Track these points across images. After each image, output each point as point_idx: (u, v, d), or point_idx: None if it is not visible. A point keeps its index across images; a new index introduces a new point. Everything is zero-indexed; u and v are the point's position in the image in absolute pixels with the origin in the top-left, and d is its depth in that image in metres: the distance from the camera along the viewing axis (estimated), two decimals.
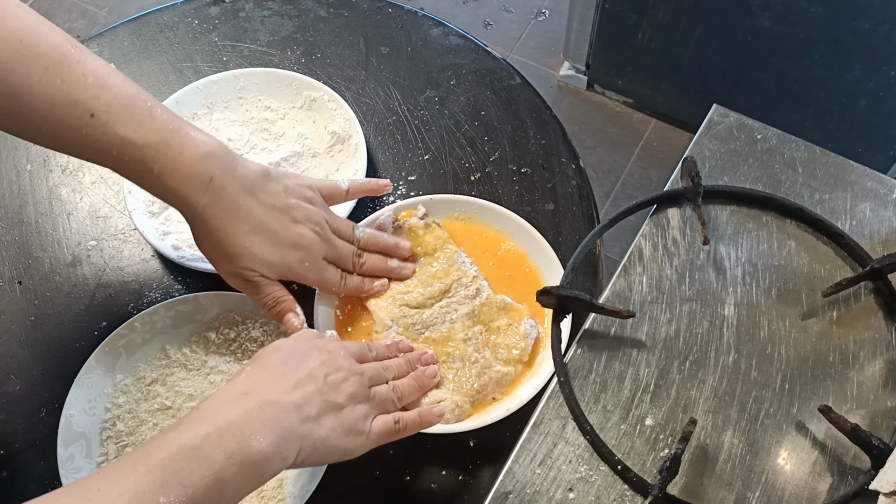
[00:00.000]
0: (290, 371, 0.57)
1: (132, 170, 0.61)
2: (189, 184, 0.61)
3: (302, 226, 0.66)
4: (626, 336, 0.66)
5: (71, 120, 0.57)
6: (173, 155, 0.60)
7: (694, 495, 0.59)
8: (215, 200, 0.62)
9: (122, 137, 0.58)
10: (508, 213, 0.76)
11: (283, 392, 0.55)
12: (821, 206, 0.71)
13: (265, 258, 0.64)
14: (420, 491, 0.68)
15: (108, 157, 0.60)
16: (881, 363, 0.64)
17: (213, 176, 0.62)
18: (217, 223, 0.62)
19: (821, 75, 1.51)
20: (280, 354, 0.59)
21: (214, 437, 0.50)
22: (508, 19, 2.10)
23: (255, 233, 0.64)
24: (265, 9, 1.00)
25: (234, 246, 0.63)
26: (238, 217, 0.63)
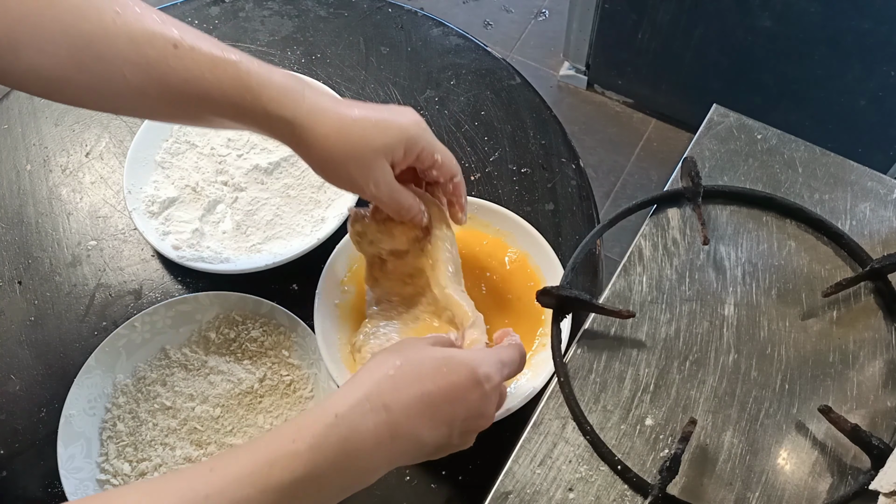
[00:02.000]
0: (438, 405, 0.51)
1: (230, 90, 0.56)
2: (288, 92, 0.57)
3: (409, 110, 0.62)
4: (626, 336, 0.66)
5: (155, 54, 0.54)
6: (267, 69, 0.57)
7: (694, 495, 0.59)
8: (318, 102, 0.58)
9: (212, 57, 0.55)
10: (508, 213, 0.76)
11: (420, 428, 0.50)
12: (821, 206, 0.71)
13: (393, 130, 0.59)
14: (420, 491, 0.68)
15: (200, 84, 0.55)
16: (881, 363, 0.64)
17: (304, 85, 0.58)
18: (334, 114, 0.58)
19: (821, 75, 1.51)
20: (438, 378, 0.51)
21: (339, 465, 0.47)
22: (508, 19, 2.10)
23: (370, 112, 0.59)
24: (265, 9, 1.00)
25: (359, 125, 0.58)
26: (349, 108, 0.58)
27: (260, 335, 0.73)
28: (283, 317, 0.73)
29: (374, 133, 0.58)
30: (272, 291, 0.76)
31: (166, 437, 0.69)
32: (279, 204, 0.82)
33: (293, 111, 0.57)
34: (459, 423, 0.52)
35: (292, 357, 0.73)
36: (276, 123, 0.57)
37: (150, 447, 0.69)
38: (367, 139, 0.58)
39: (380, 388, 0.49)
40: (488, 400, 0.53)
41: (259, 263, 0.76)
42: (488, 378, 0.53)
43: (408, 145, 0.59)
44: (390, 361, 0.51)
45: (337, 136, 0.57)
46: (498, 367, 0.54)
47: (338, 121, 0.57)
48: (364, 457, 0.48)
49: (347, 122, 0.58)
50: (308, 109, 0.57)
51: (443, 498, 0.68)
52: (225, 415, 0.70)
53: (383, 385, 0.50)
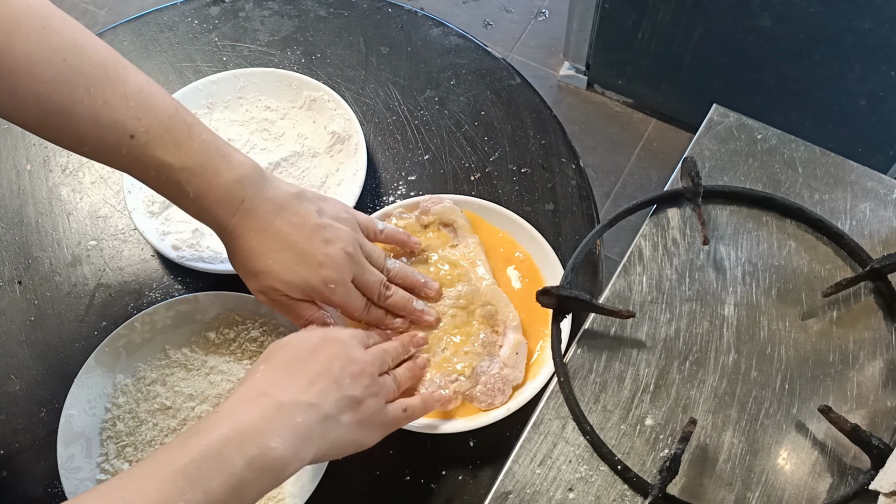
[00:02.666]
0: (303, 366, 0.57)
1: (168, 191, 0.62)
2: (221, 206, 0.62)
3: (332, 246, 0.64)
4: (626, 336, 0.66)
5: (111, 139, 0.58)
6: (208, 178, 0.61)
7: (694, 495, 0.59)
8: (244, 221, 0.62)
9: (159, 160, 0.60)
10: (508, 213, 0.76)
11: (298, 390, 0.55)
12: (821, 206, 0.71)
13: (287, 278, 0.63)
14: (420, 491, 0.68)
15: (146, 175, 0.61)
16: (881, 363, 0.64)
17: (244, 198, 0.62)
18: (244, 243, 0.63)
19: (821, 75, 1.51)
20: (291, 349, 0.58)
21: (235, 442, 0.50)
22: (508, 19, 2.10)
23: (280, 251, 0.63)
24: (265, 9, 1.00)
25: (259, 265, 0.63)
26: (265, 237, 0.63)
27: (260, 335, 0.73)
28: (283, 317, 0.73)
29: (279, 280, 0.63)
30: None
31: (166, 437, 0.69)
32: None
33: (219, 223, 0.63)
34: (341, 374, 0.57)
35: None
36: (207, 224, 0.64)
37: (150, 447, 0.69)
38: (268, 289, 0.64)
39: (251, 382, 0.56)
40: (347, 345, 0.60)
41: None
42: (337, 331, 0.62)
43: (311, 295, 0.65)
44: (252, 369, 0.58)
45: (248, 257, 0.64)
46: (349, 333, 0.62)
47: (255, 248, 0.63)
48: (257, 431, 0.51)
49: (261, 254, 0.63)
50: (233, 227, 0.63)
51: (443, 498, 0.68)
52: None
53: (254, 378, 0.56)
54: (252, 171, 0.63)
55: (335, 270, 0.64)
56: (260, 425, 0.52)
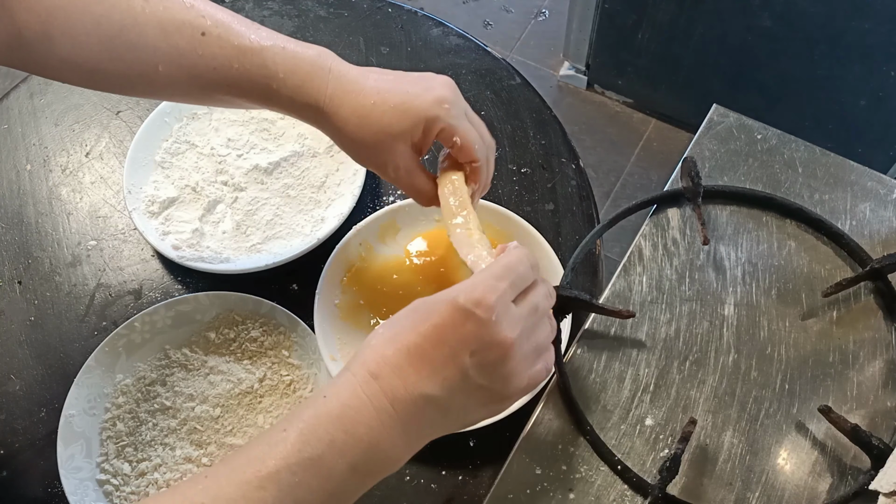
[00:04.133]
0: (426, 349, 0.45)
1: (256, 78, 0.57)
2: (314, 78, 0.58)
3: (438, 77, 0.60)
4: (626, 336, 0.66)
5: (184, 43, 0.55)
6: (291, 55, 0.58)
7: (694, 495, 0.59)
8: (340, 87, 0.58)
9: (239, 47, 0.56)
10: (508, 213, 0.76)
11: (419, 382, 0.45)
12: (821, 206, 0.71)
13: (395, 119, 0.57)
14: (420, 491, 0.68)
15: (228, 72, 0.57)
16: (881, 363, 0.64)
17: (330, 67, 0.58)
18: (352, 102, 0.58)
19: (821, 75, 1.51)
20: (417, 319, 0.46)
21: (339, 445, 0.43)
22: (508, 19, 2.10)
23: (385, 94, 0.57)
24: (265, 9, 1.00)
25: (365, 125, 0.57)
26: (363, 95, 0.58)
27: (260, 335, 0.73)
28: (283, 317, 0.73)
29: (392, 119, 0.57)
30: (272, 291, 0.76)
31: (166, 437, 0.69)
32: (279, 204, 0.82)
33: (316, 98, 0.58)
34: (470, 360, 0.45)
35: (292, 357, 0.73)
36: (303, 109, 0.58)
37: (149, 447, 0.69)
38: (385, 126, 0.57)
39: (363, 359, 0.46)
40: (488, 324, 0.45)
41: (259, 263, 0.76)
42: (478, 303, 0.45)
43: (426, 127, 0.58)
44: (372, 334, 0.48)
45: (357, 122, 0.58)
46: (490, 285, 0.46)
47: (358, 105, 0.57)
48: (367, 432, 0.44)
49: (367, 106, 0.57)
50: (330, 96, 0.58)
51: (443, 498, 0.68)
52: (225, 415, 0.70)
53: (366, 356, 0.46)
54: (321, 49, 0.60)
55: (448, 90, 0.59)
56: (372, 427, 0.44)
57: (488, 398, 0.48)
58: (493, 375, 0.46)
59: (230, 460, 0.44)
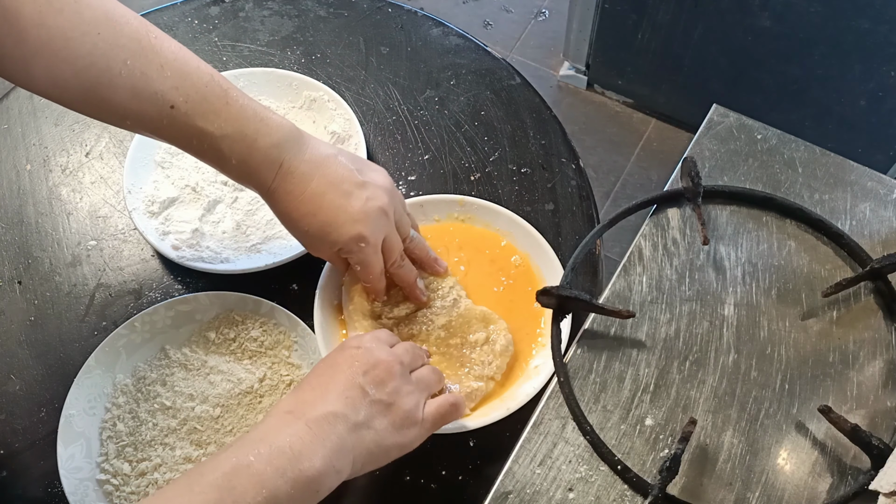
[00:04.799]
0: (328, 381, 0.56)
1: (212, 158, 0.62)
2: (262, 171, 0.62)
3: (370, 203, 0.65)
4: (626, 336, 0.66)
5: (153, 111, 0.58)
6: (248, 144, 0.61)
7: (694, 495, 0.59)
8: (283, 185, 0.63)
9: (200, 129, 0.60)
10: (508, 213, 0.76)
11: (326, 404, 0.54)
12: (821, 206, 0.71)
13: (319, 240, 0.64)
14: (420, 491, 0.68)
15: (188, 145, 0.61)
16: (881, 363, 0.64)
17: (282, 161, 0.62)
18: (284, 206, 0.64)
19: (821, 75, 1.51)
20: (317, 369, 0.58)
21: (265, 455, 0.49)
22: (508, 19, 2.10)
23: (315, 214, 0.63)
24: (265, 9, 1.00)
25: (298, 227, 0.64)
26: (301, 200, 0.63)
27: (260, 335, 0.73)
28: (283, 317, 0.73)
29: (314, 235, 0.64)
30: (272, 291, 0.76)
31: (166, 437, 0.69)
32: None
33: (260, 187, 0.64)
34: (362, 379, 0.56)
35: (292, 357, 0.73)
36: (252, 188, 0.64)
37: (149, 447, 0.69)
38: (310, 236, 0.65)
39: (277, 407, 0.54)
40: (370, 350, 0.58)
41: (259, 263, 0.76)
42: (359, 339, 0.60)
43: (340, 255, 0.66)
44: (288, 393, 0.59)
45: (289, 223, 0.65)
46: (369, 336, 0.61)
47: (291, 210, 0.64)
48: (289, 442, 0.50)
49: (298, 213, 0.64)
50: (273, 189, 0.63)
51: (443, 498, 0.68)
52: (225, 415, 0.70)
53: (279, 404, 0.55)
54: (290, 134, 0.63)
55: (369, 228, 0.64)
56: (289, 442, 0.51)
57: (392, 415, 0.56)
58: (384, 389, 0.56)
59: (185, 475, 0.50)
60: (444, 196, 0.78)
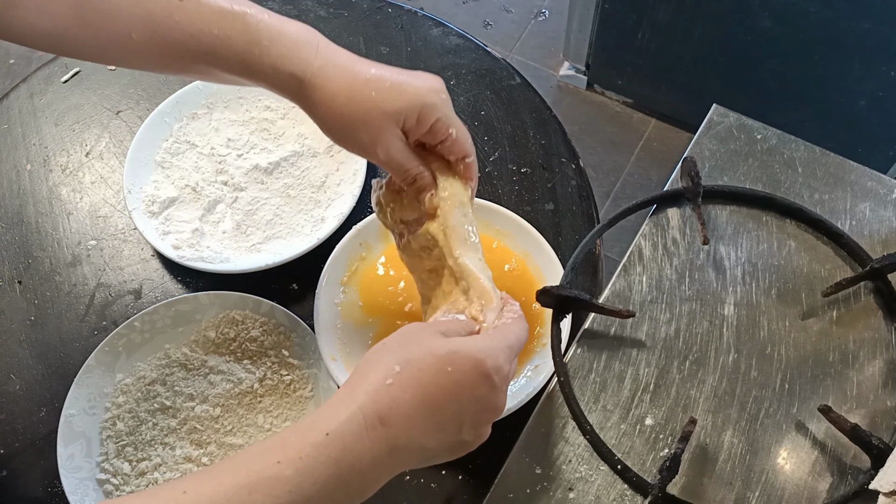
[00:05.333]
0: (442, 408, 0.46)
1: (237, 44, 0.53)
2: (300, 48, 0.53)
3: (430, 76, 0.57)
4: (626, 336, 0.66)
5: (159, 8, 0.51)
6: (277, 22, 0.54)
7: (694, 495, 0.59)
8: (332, 60, 0.54)
9: (219, 11, 0.52)
10: (508, 213, 0.76)
11: (424, 437, 0.45)
12: (821, 206, 0.71)
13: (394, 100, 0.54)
14: (420, 491, 0.68)
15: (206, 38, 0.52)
16: (881, 363, 0.64)
17: (318, 42, 0.55)
18: (342, 79, 0.54)
19: (821, 75, 1.51)
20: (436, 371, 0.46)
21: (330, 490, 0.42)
22: (508, 19, 2.10)
23: (378, 79, 0.54)
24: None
25: (369, 89, 0.54)
26: (355, 72, 0.54)
27: (260, 335, 0.73)
28: (283, 317, 0.73)
29: (388, 96, 0.54)
30: (272, 291, 0.76)
31: (166, 437, 0.69)
32: (279, 204, 0.82)
33: (303, 67, 0.53)
34: (469, 419, 0.47)
35: (292, 357, 0.73)
36: (284, 79, 0.54)
37: (149, 447, 0.69)
38: (379, 102, 0.54)
39: (376, 399, 0.44)
40: (498, 391, 0.48)
41: (259, 263, 0.76)
42: (497, 370, 0.47)
43: (422, 113, 0.55)
44: (387, 365, 0.46)
45: (347, 96, 0.54)
46: (507, 353, 0.49)
47: (350, 79, 0.54)
48: (359, 477, 0.44)
49: (360, 81, 0.54)
50: (320, 65, 0.54)
51: (443, 498, 0.68)
52: (225, 414, 0.70)
53: (380, 396, 0.44)
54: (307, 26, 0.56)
55: (440, 82, 0.57)
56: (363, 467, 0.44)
57: (458, 448, 0.49)
58: (477, 432, 0.49)
59: (214, 474, 0.42)
60: None
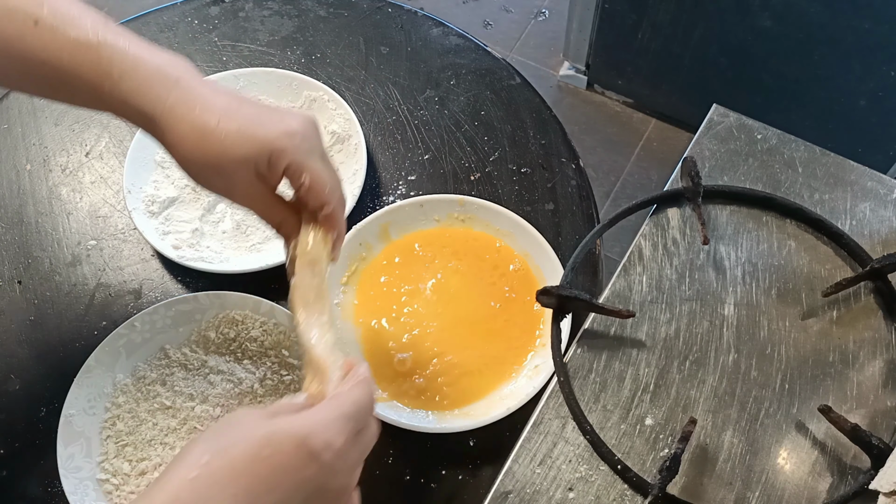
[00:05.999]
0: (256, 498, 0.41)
1: (88, 75, 0.50)
2: (153, 84, 0.51)
3: (295, 113, 0.54)
4: (626, 336, 0.66)
5: (12, 30, 0.49)
6: (133, 56, 0.51)
7: (694, 495, 0.59)
8: (183, 98, 0.51)
9: (73, 40, 0.50)
10: (508, 213, 0.76)
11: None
12: (821, 206, 0.71)
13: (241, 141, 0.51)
14: (420, 491, 0.68)
15: (58, 65, 0.50)
16: (881, 363, 0.64)
17: (178, 77, 0.52)
18: (185, 124, 0.51)
19: (821, 75, 1.51)
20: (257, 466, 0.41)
21: None
22: (508, 19, 2.10)
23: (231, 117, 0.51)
24: (265, 9, 1.00)
25: (207, 141, 0.51)
26: (208, 111, 0.51)
27: (260, 335, 0.73)
28: (283, 317, 0.73)
29: (235, 141, 0.51)
30: (272, 291, 0.76)
31: (166, 437, 0.69)
32: None
33: (153, 105, 0.51)
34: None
35: (292, 357, 0.73)
36: (135, 116, 0.52)
37: (149, 447, 0.69)
38: (228, 147, 0.51)
39: (176, 498, 0.39)
40: (331, 470, 0.43)
41: (259, 263, 0.76)
42: (327, 445, 0.42)
43: (272, 158, 0.52)
44: (195, 456, 0.41)
45: (196, 140, 0.51)
46: (340, 425, 0.44)
47: (200, 123, 0.51)
48: None
49: (208, 126, 0.51)
50: (171, 105, 0.51)
51: (443, 498, 0.68)
52: (225, 415, 0.70)
53: (182, 493, 0.39)
54: (181, 58, 0.53)
55: (303, 124, 0.53)
56: None
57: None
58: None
59: None
60: (443, 196, 0.78)
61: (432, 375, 0.71)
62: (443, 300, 0.75)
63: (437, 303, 0.74)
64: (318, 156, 0.54)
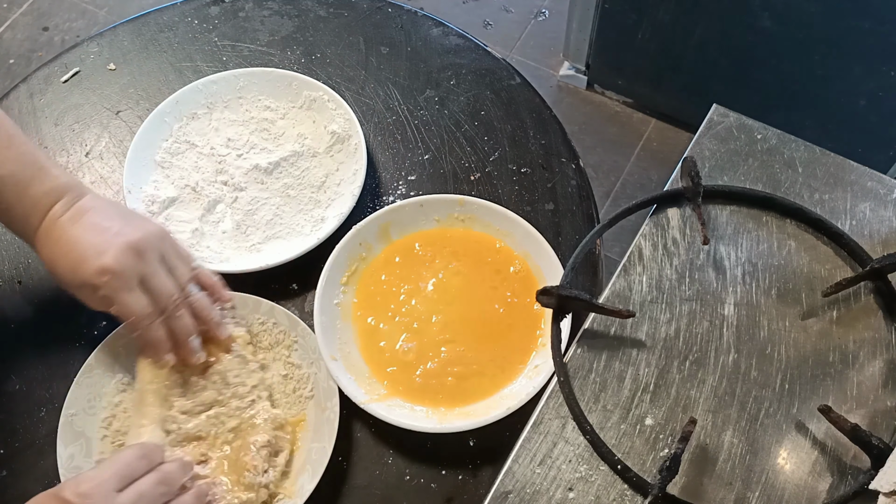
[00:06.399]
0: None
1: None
2: (30, 217, 0.63)
3: (120, 238, 0.62)
4: (626, 336, 0.66)
5: None
6: (19, 190, 0.62)
7: (694, 495, 0.59)
8: (48, 230, 0.63)
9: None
10: (508, 213, 0.76)
11: None
12: (821, 206, 0.71)
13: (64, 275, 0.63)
14: (420, 491, 0.68)
15: None
16: (881, 363, 0.64)
17: (49, 210, 0.63)
18: (49, 251, 0.64)
19: (821, 75, 1.51)
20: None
21: None
22: (508, 19, 2.10)
23: (66, 254, 0.63)
24: (265, 9, 1.00)
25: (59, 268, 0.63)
26: (59, 244, 0.63)
27: (260, 335, 0.73)
28: (283, 317, 0.73)
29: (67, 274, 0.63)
30: (272, 291, 0.76)
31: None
32: (279, 204, 0.82)
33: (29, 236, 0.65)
34: None
35: (292, 357, 0.73)
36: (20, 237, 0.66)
37: None
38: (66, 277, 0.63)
39: None
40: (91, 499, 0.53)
41: (259, 263, 0.76)
42: (81, 495, 0.53)
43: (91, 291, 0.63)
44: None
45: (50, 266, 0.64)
46: (92, 476, 0.55)
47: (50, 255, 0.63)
48: None
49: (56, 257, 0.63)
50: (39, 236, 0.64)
51: (443, 497, 0.68)
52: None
53: None
54: (67, 185, 0.64)
55: (115, 260, 0.61)
56: None
57: None
58: None
59: None
60: (443, 196, 0.78)
61: (433, 374, 0.71)
62: (444, 300, 0.75)
63: (438, 302, 0.74)
64: (131, 287, 0.63)
